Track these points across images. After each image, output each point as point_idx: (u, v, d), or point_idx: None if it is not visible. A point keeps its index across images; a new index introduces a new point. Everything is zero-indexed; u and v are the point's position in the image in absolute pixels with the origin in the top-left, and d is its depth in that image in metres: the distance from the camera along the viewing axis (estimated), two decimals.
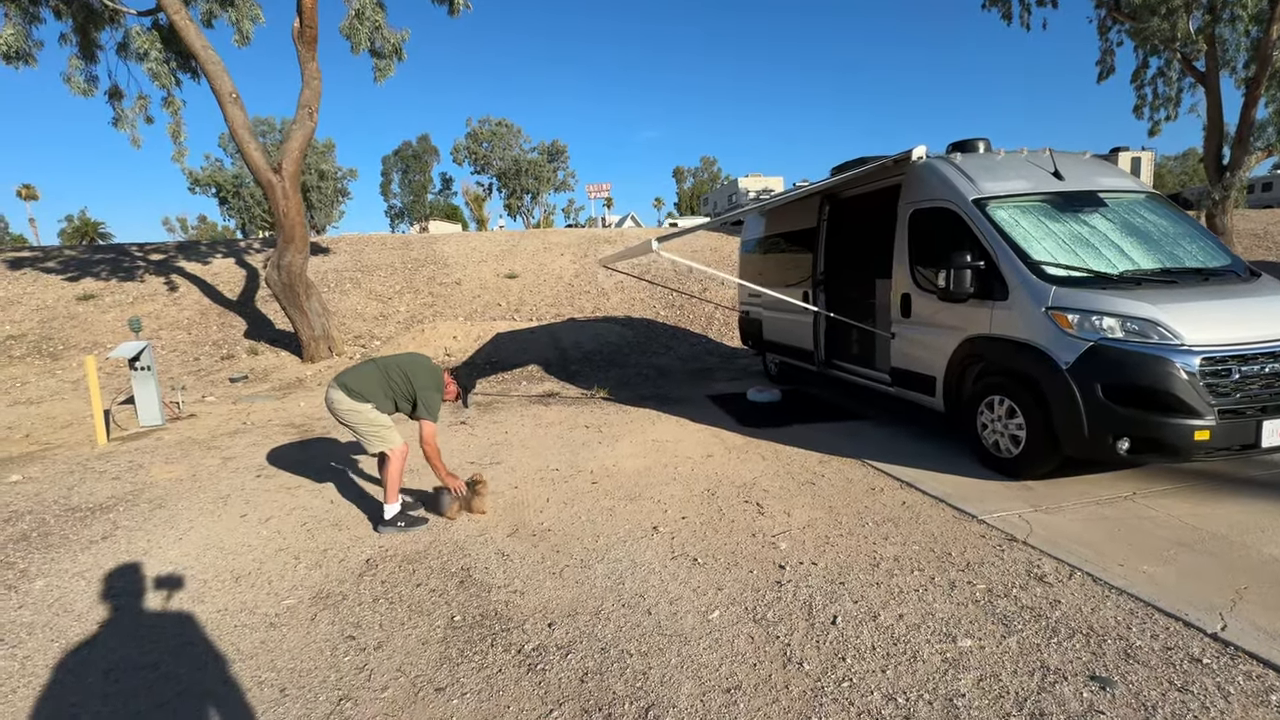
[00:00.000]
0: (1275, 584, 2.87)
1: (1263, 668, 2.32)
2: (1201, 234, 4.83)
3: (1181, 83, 15.99)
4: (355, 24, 9.70)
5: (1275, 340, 3.77)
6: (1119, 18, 15.73)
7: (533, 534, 3.86)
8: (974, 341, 4.61)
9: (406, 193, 58.13)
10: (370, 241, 18.99)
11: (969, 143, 5.55)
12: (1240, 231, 18.20)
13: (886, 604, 2.87)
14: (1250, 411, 3.65)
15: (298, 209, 9.85)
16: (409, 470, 5.17)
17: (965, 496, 4.09)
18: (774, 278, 7.86)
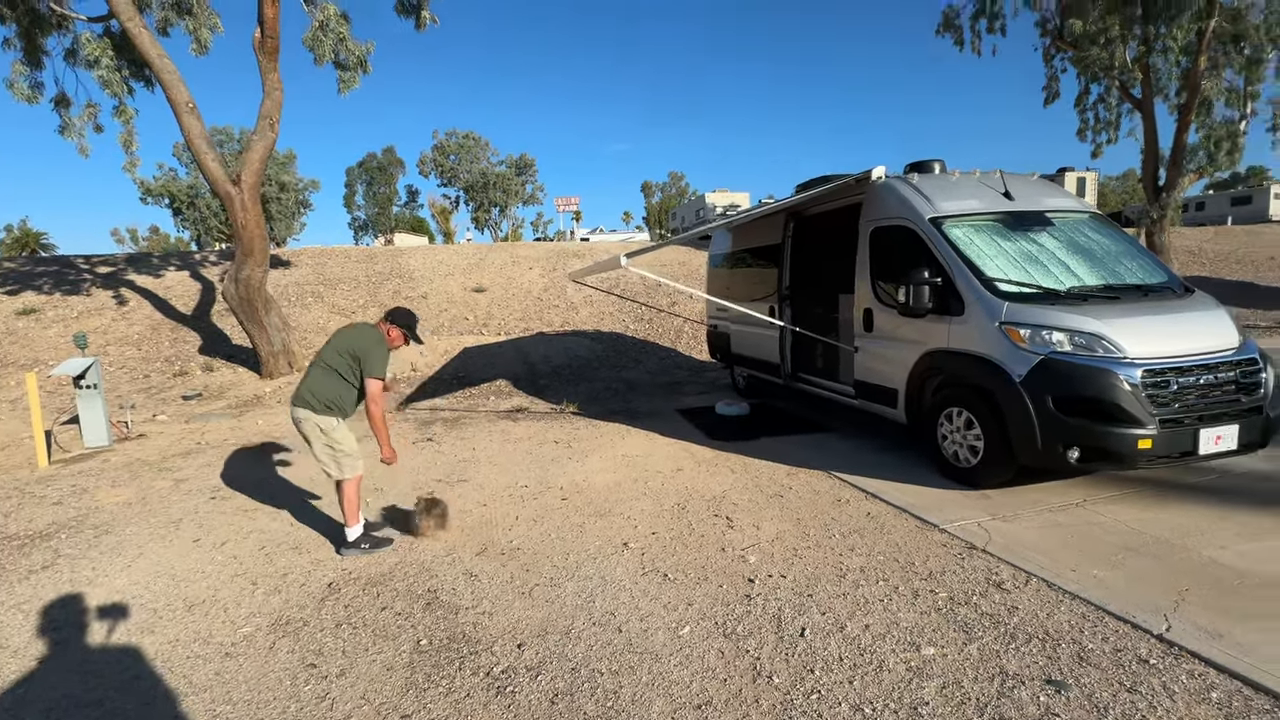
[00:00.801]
0: (1214, 585, 3.02)
1: (1204, 666, 2.43)
2: (1140, 252, 5.10)
3: (1120, 108, 16.93)
4: (319, 36, 9.57)
5: (1208, 353, 4.01)
6: (1062, 46, 16.60)
7: (501, 553, 3.81)
8: (933, 355, 4.76)
9: (371, 205, 57.18)
10: (333, 254, 18.60)
11: (926, 163, 5.76)
12: (1177, 248, 19.25)
13: (853, 614, 2.92)
14: (1188, 421, 3.85)
15: (257, 221, 9.60)
16: (375, 489, 5.07)
17: (927, 506, 4.20)
18: (741, 292, 7.99)
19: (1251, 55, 14.39)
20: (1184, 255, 19.90)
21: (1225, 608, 2.81)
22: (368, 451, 4.14)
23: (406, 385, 9.91)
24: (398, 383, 10.20)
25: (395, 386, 4.30)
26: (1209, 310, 4.39)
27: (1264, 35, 13.90)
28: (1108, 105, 16.89)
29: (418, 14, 10.39)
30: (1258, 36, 14.02)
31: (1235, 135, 15.18)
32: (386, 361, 3.85)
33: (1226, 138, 15.20)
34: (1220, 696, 2.26)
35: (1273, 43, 13.96)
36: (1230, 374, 3.99)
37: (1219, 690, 2.29)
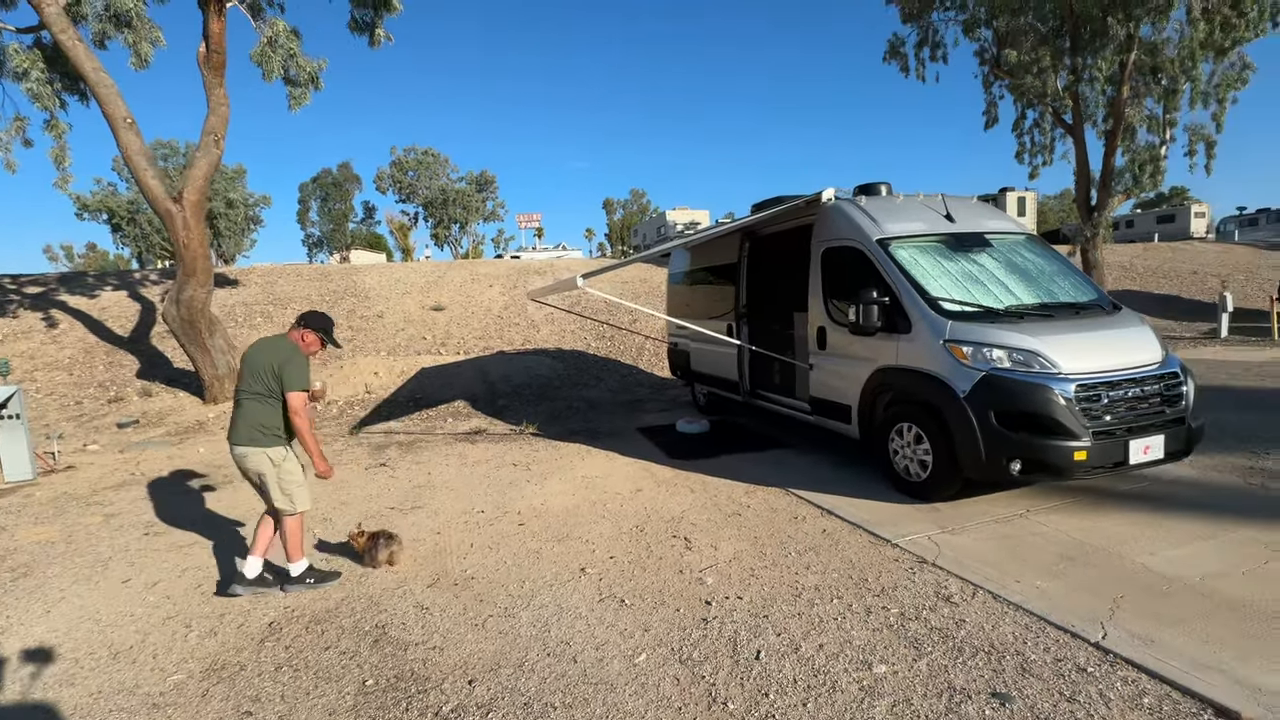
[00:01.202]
0: (1146, 591, 3.16)
1: (1136, 672, 2.53)
2: (1072, 271, 5.38)
3: (1054, 133, 17.89)
4: (267, 51, 9.35)
5: (1135, 368, 4.23)
6: (999, 74, 17.51)
7: (455, 583, 3.70)
8: (884, 372, 4.89)
9: (326, 221, 55.83)
10: (284, 272, 18.05)
11: (873, 186, 5.97)
12: (1110, 264, 20.37)
13: (808, 634, 2.94)
14: (1119, 432, 4.05)
15: (200, 240, 9.25)
16: (324, 519, 4.89)
17: (880, 521, 4.28)
18: (700, 310, 8.08)
19: (1168, 85, 15.44)
20: (1117, 270, 21.07)
21: (1156, 613, 2.94)
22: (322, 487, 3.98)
23: (361, 408, 9.63)
24: (325, 393, 9.89)
25: (323, 396, 4.00)
26: (1135, 327, 4.64)
27: (1178, 68, 14.96)
28: (1042, 130, 17.83)
29: (371, 32, 10.28)
30: (1173, 69, 15.07)
31: (1157, 159, 16.21)
32: (307, 370, 3.61)
33: (1149, 161, 16.22)
34: (1151, 702, 2.36)
35: (1186, 74, 15.02)
36: (1155, 387, 4.23)
37: (1150, 696, 2.39)
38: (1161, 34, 15.15)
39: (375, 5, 10.06)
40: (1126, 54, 15.14)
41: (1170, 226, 37.88)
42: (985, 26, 17.15)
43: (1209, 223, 39.00)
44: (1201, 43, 14.43)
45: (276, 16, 10.03)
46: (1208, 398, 5.97)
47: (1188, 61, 14.76)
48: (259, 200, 43.19)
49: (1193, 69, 14.91)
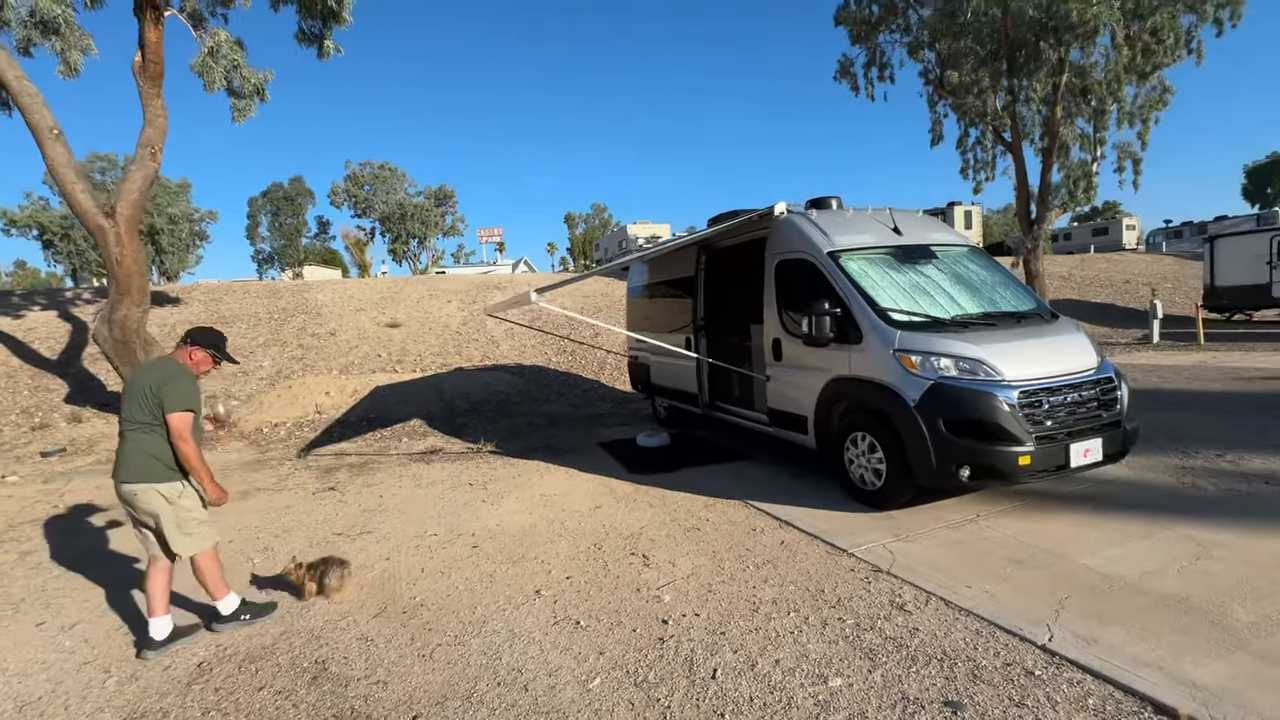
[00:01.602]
0: (1089, 591, 3.24)
1: (1081, 673, 2.58)
2: (1012, 281, 5.58)
3: (995, 150, 18.73)
4: (209, 62, 9.02)
5: (1073, 373, 4.39)
6: (943, 94, 18.28)
7: (403, 611, 3.54)
8: (838, 382, 4.95)
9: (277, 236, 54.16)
10: (230, 290, 17.36)
11: (824, 200, 6.09)
12: (1051, 274, 21.34)
13: (764, 650, 2.91)
14: (1059, 436, 4.19)
15: (135, 257, 8.80)
16: (265, 549, 4.65)
17: (837, 531, 4.30)
18: (658, 323, 8.08)
19: (1097, 106, 16.39)
20: (1057, 280, 22.09)
21: (1098, 612, 3.02)
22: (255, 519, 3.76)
23: (310, 430, 9.27)
24: (230, 419, 9.41)
25: (227, 422, 3.55)
26: (1072, 334, 4.83)
27: (1105, 90, 15.90)
28: (984, 147, 18.65)
29: (320, 43, 10.04)
30: (1101, 91, 16.01)
31: (1089, 175, 17.14)
32: (193, 392, 3.23)
33: (1083, 177, 17.13)
34: (1095, 703, 2.40)
35: (1113, 96, 15.98)
36: (1092, 392, 4.39)
37: (1095, 696, 2.43)
38: (1090, 58, 16.09)
39: (324, 17, 9.84)
40: (1058, 76, 16.01)
41: (1104, 239, 40.05)
42: (928, 49, 17.91)
43: (1139, 235, 41.40)
44: (1125, 67, 15.38)
45: (219, 26, 9.72)
46: (1141, 400, 6.26)
47: (1114, 84, 15.70)
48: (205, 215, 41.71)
49: (1119, 91, 15.86)
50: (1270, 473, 4.96)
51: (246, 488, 6.49)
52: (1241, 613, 2.92)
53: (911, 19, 18.05)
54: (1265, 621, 2.84)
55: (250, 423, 9.61)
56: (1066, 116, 16.93)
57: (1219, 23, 15.33)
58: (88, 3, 9.17)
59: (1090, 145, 17.15)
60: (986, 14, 16.18)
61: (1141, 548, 3.74)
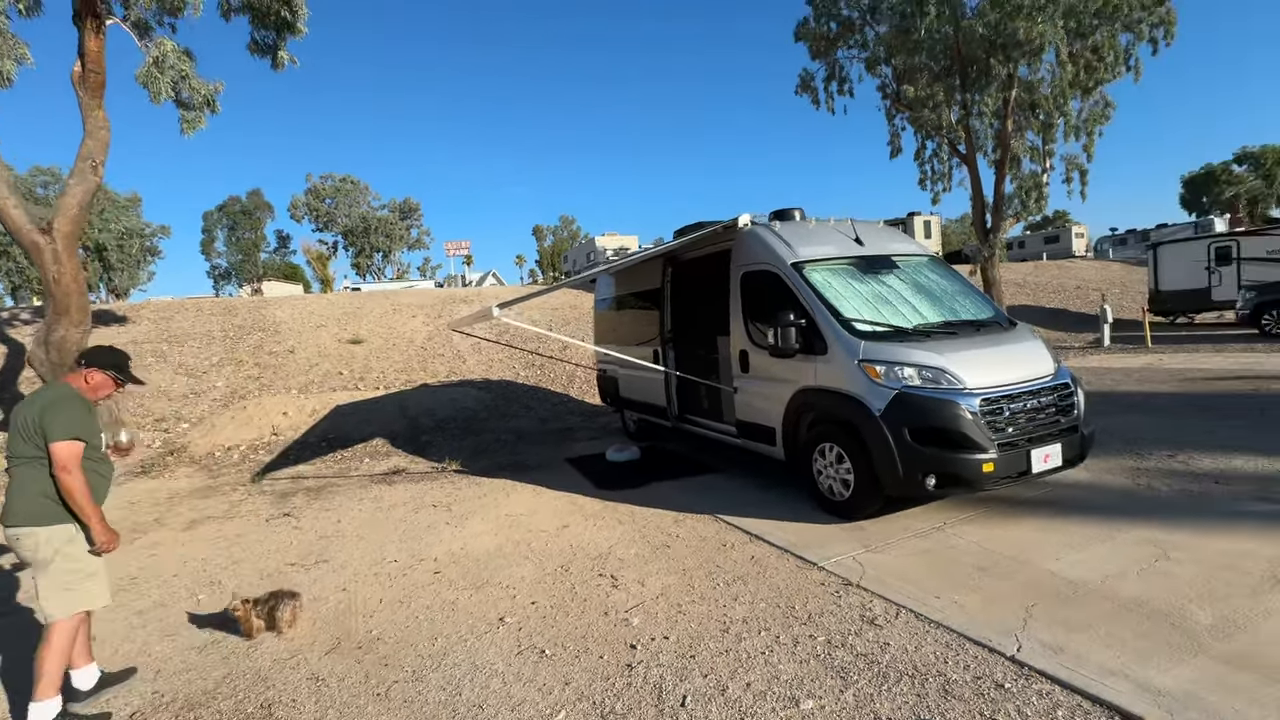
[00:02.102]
0: (1054, 598, 3.26)
1: (1050, 684, 2.57)
2: (971, 290, 5.68)
3: (951, 162, 19.31)
4: (153, 72, 8.68)
5: (1032, 380, 4.47)
6: (900, 108, 18.80)
7: (358, 646, 3.36)
8: (804, 393, 4.94)
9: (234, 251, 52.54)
10: (182, 307, 16.69)
11: (787, 211, 6.12)
12: (1007, 281, 22.03)
13: (735, 673, 2.83)
14: (1021, 443, 4.24)
15: (74, 275, 8.36)
16: (212, 583, 4.39)
17: (807, 543, 4.27)
18: (626, 336, 8.02)
19: (1045, 120, 17.05)
20: (1013, 287, 22.81)
21: (1064, 619, 3.03)
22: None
23: (266, 452, 8.90)
24: (134, 447, 8.91)
25: (129, 450, 3.08)
26: (1029, 341, 4.92)
27: (1052, 104, 16.57)
28: (941, 159, 19.20)
29: (274, 54, 9.78)
30: (1048, 105, 16.67)
31: (1040, 186, 17.79)
32: (80, 418, 2.82)
33: (1034, 188, 17.77)
34: (1065, 714, 2.38)
35: (1059, 110, 16.66)
36: (1051, 398, 4.47)
37: (1064, 708, 2.42)
38: (1037, 74, 16.76)
39: (277, 28, 9.60)
40: (1008, 91, 16.63)
41: (1055, 246, 41.67)
42: (885, 64, 18.41)
43: (1088, 242, 43.20)
44: (1070, 82, 16.05)
45: (166, 36, 9.38)
46: (1096, 403, 6.43)
47: (1060, 99, 16.37)
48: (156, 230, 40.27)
49: (1064, 105, 16.53)
50: (1219, 472, 5.12)
51: (195, 516, 6.17)
52: (1201, 615, 2.97)
53: (868, 35, 18.55)
54: (1223, 624, 2.88)
55: (201, 446, 9.18)
56: (1017, 130, 17.57)
57: (1154, 42, 16.15)
58: (22, 10, 8.74)
59: (1040, 157, 17.81)
60: (939, 31, 16.74)
61: (1102, 551, 3.79)
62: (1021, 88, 16.88)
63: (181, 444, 9.19)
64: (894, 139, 19.63)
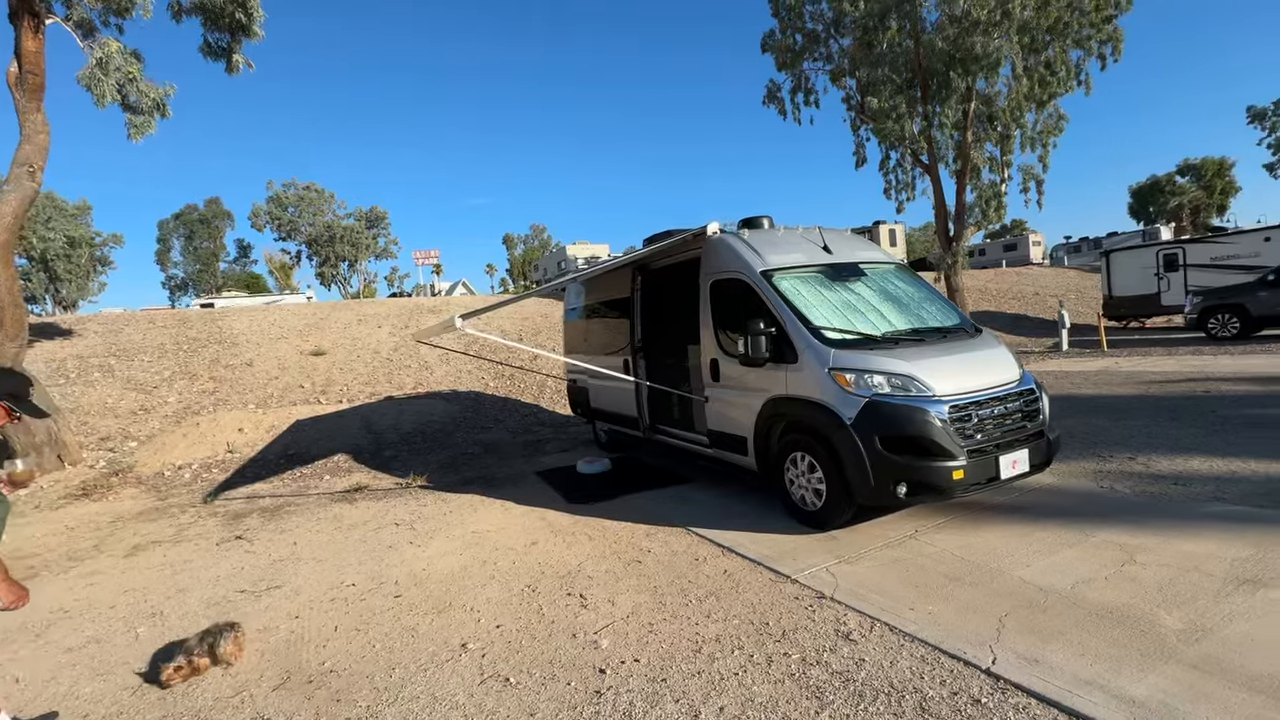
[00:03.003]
0: (1027, 606, 3.24)
1: (1026, 697, 2.53)
2: (937, 297, 5.73)
3: (914, 172, 19.80)
4: (97, 74, 8.30)
5: (998, 386, 4.49)
6: (864, 119, 19.20)
7: (308, 680, 3.15)
8: (776, 402, 4.89)
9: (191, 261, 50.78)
10: (133, 320, 16.00)
11: (755, 219, 6.10)
12: (969, 288, 22.60)
13: (708, 697, 2.72)
14: (990, 449, 4.25)
15: (9, 286, 7.89)
16: (153, 614, 4.10)
17: (780, 555, 4.20)
18: (596, 345, 7.90)
19: (1002, 132, 17.61)
20: (975, 293, 23.41)
21: (1037, 628, 3.01)
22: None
23: (220, 471, 8.50)
24: (34, 476, 7.85)
25: (27, 482, 2.59)
26: (994, 347, 4.97)
27: (1009, 117, 17.12)
28: (904, 169, 19.66)
29: (228, 57, 9.46)
30: (1006, 118, 17.23)
31: (999, 195, 18.33)
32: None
33: (993, 197, 18.30)
34: None
35: (1016, 122, 17.21)
36: (1017, 404, 4.51)
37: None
38: (994, 87, 17.30)
39: (232, 30, 9.29)
40: (968, 104, 17.12)
41: (1014, 254, 43.01)
42: (850, 76, 18.80)
43: (1044, 250, 44.72)
44: (1025, 95, 16.61)
45: (112, 36, 8.99)
46: (1058, 406, 6.54)
47: (1016, 111, 16.91)
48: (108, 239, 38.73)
49: (1021, 118, 17.09)
50: (1177, 474, 5.24)
51: (139, 541, 5.82)
52: (1169, 620, 2.98)
53: (833, 48, 18.93)
54: (1191, 628, 2.89)
55: (150, 465, 8.73)
56: (976, 141, 18.10)
57: (1102, 58, 16.83)
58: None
59: (999, 167, 18.36)
60: (900, 45, 17.17)
61: (1071, 556, 3.81)
62: (980, 100, 17.41)
63: (128, 463, 8.73)
64: (859, 149, 20.04)
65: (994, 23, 15.50)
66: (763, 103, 20.44)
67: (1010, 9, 15.20)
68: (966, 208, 18.63)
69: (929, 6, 16.99)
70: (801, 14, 18.65)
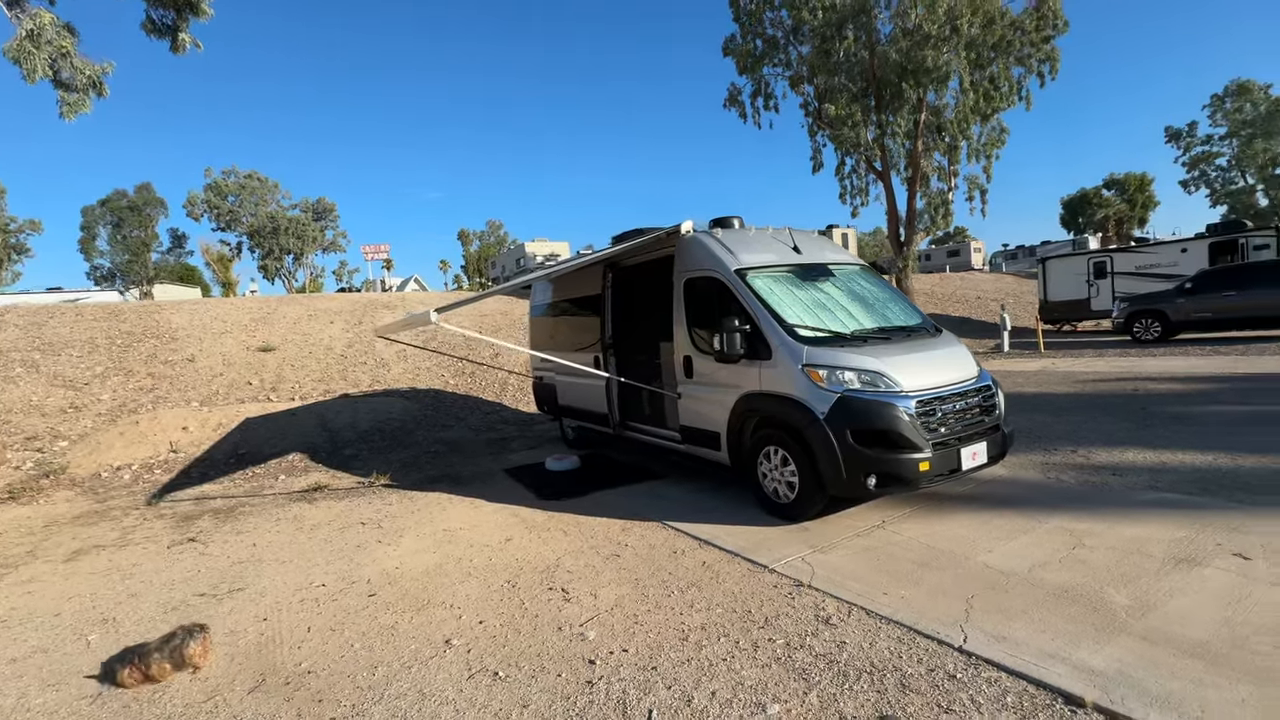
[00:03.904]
0: (991, 588, 3.44)
1: (997, 671, 2.69)
2: (900, 297, 5.98)
3: (868, 178, 20.48)
4: (26, 46, 7.71)
5: (959, 382, 4.73)
6: (821, 125, 19.74)
7: (285, 682, 3.05)
8: (749, 398, 5.01)
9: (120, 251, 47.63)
10: (59, 312, 14.92)
11: (727, 219, 6.22)
12: (917, 291, 23.54)
13: (699, 682, 2.78)
14: (952, 442, 4.48)
15: None
16: (104, 620, 3.88)
17: (756, 546, 4.31)
18: (565, 342, 7.87)
19: (950, 142, 18.43)
20: (922, 297, 24.41)
21: (1002, 608, 3.20)
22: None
23: (163, 471, 8.06)
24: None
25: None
26: (954, 346, 5.23)
27: (957, 128, 17.93)
28: (859, 176, 20.32)
29: (174, 35, 8.95)
30: (953, 129, 18.03)
31: (946, 203, 19.18)
32: None
33: (941, 205, 19.13)
34: (1014, 700, 2.50)
35: (962, 134, 18.05)
36: (976, 399, 4.76)
37: (1012, 694, 2.54)
38: (943, 99, 18.09)
39: (178, 7, 8.79)
40: (919, 114, 17.84)
41: (957, 259, 45.06)
42: (808, 83, 19.29)
43: (985, 256, 47.00)
44: (971, 109, 17.43)
45: (44, 7, 8.37)
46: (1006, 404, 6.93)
47: (963, 123, 17.73)
48: (24, 226, 35.96)
49: (967, 130, 17.92)
50: (1114, 465, 5.63)
51: (79, 545, 5.47)
52: (1118, 597, 3.22)
53: (792, 55, 19.38)
54: (1137, 604, 3.14)
55: (85, 466, 8.19)
56: (926, 150, 18.88)
57: (1041, 75, 17.82)
58: None
59: (946, 176, 19.21)
60: (856, 55, 17.73)
61: (1026, 541, 4.06)
62: (930, 112, 18.16)
63: (59, 464, 8.17)
64: (816, 154, 20.56)
65: (944, 37, 16.21)
66: (724, 105, 20.75)
67: (959, 25, 15.94)
68: (917, 214, 19.41)
69: (884, 19, 17.63)
70: (762, 20, 19.02)
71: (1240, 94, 38.09)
